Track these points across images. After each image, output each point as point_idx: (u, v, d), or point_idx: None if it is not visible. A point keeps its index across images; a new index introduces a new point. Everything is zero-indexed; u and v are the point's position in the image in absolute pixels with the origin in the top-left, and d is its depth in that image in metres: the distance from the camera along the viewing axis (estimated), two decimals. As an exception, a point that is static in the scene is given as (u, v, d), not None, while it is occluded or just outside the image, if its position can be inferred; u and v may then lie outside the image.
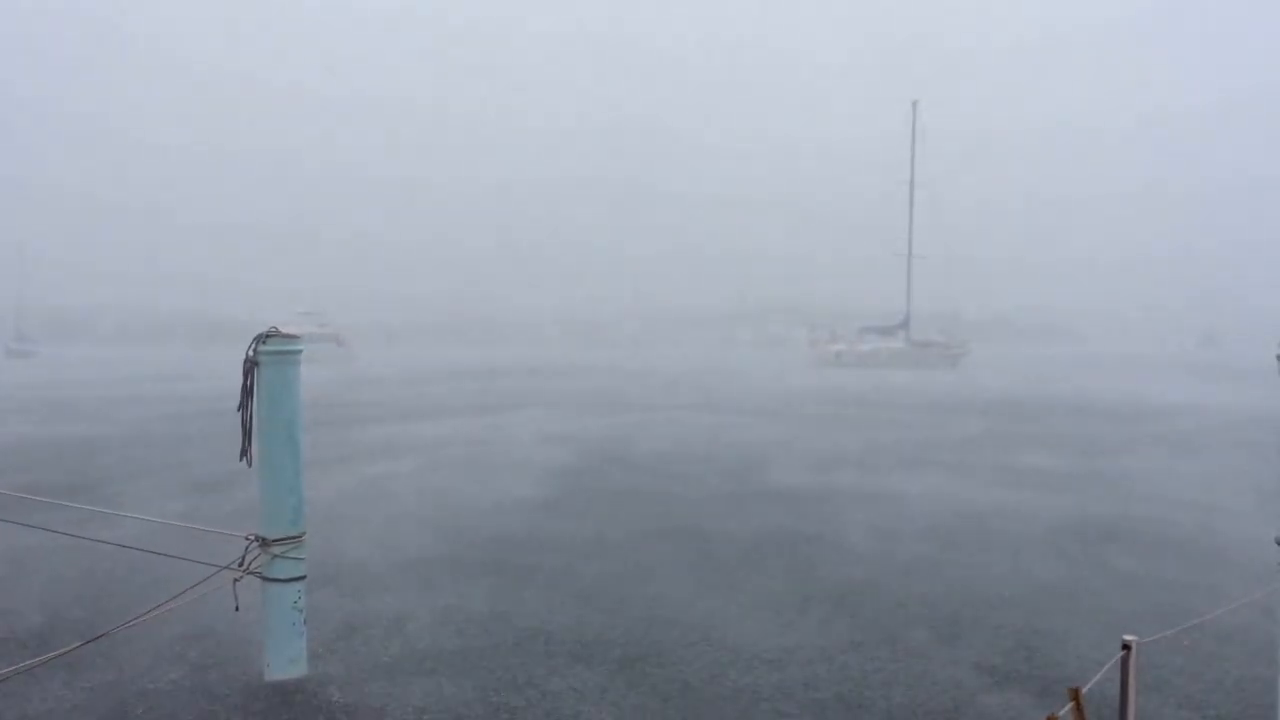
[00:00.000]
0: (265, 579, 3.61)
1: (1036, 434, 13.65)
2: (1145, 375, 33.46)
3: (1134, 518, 7.26)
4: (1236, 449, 12.00)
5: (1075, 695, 2.11)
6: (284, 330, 3.72)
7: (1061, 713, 2.04)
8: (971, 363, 46.03)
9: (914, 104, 51.87)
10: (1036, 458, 10.90)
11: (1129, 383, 28.02)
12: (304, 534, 3.70)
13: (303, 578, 3.70)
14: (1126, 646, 2.30)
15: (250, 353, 3.60)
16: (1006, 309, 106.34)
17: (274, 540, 3.60)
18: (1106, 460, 10.75)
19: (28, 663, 3.31)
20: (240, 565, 3.53)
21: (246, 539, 3.58)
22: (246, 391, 3.63)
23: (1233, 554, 6.06)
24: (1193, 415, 16.82)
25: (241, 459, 3.68)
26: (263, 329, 3.67)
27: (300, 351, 3.71)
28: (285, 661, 3.71)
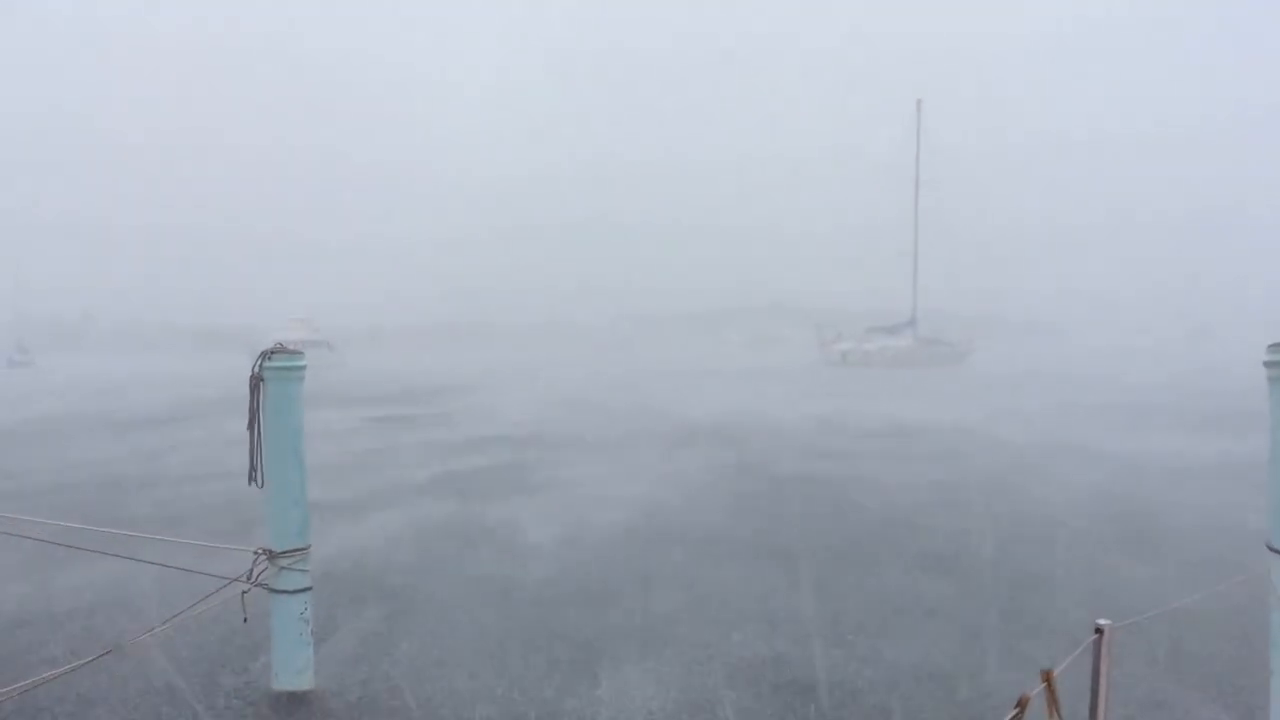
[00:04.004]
0: (272, 590, 3.68)
1: None
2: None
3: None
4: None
5: (1047, 677, 2.15)
6: (280, 339, 3.80)
7: (1033, 694, 2.08)
8: (978, 360, 46.02)
9: (918, 103, 51.63)
10: None
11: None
12: (310, 546, 3.77)
13: (309, 589, 3.77)
14: (1099, 630, 2.34)
15: (256, 369, 3.67)
16: (1001, 305, 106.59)
17: (281, 553, 3.67)
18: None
19: (44, 675, 3.37)
20: (248, 578, 3.60)
21: (255, 552, 3.64)
22: (254, 410, 3.69)
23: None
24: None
25: (250, 482, 3.73)
26: (260, 338, 3.74)
27: (304, 367, 3.77)
28: (292, 672, 3.78)
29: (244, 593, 3.56)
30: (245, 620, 3.65)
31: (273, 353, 3.70)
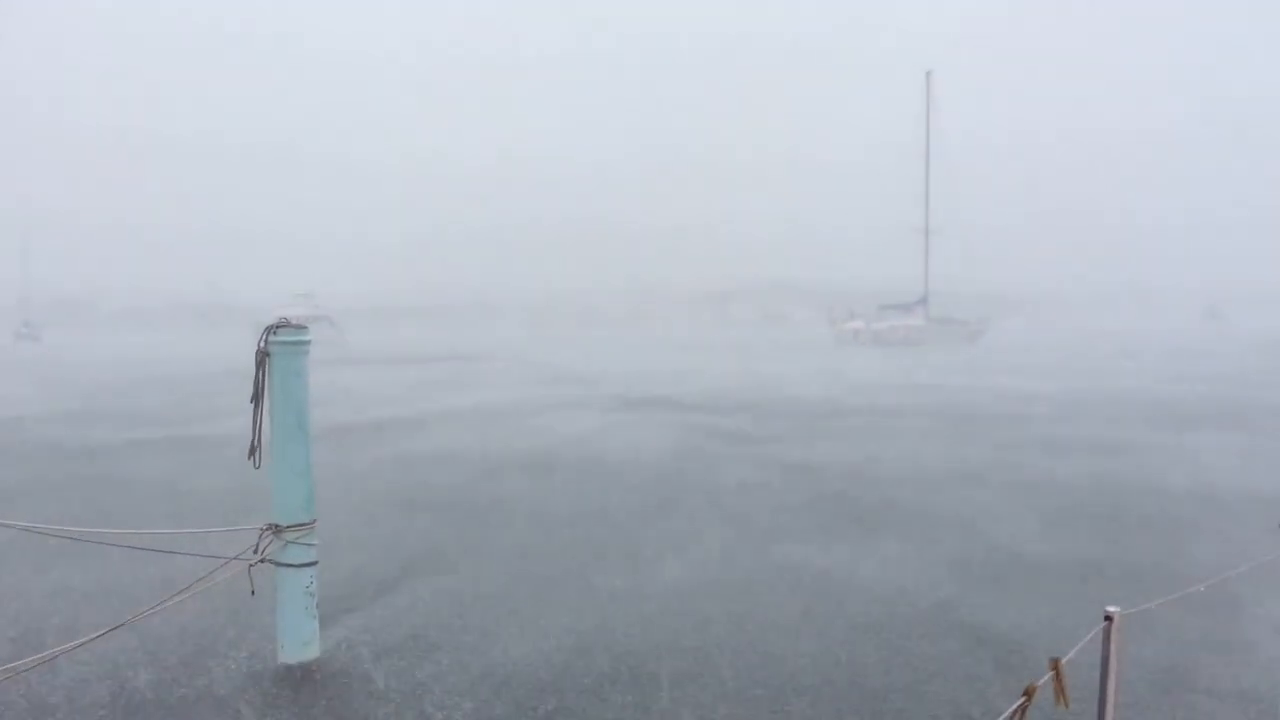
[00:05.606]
0: (278, 564, 3.71)
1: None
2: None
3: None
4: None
5: (1055, 665, 2.15)
6: (284, 316, 3.78)
7: (1041, 682, 2.07)
8: (991, 339, 45.77)
9: (928, 75, 50.80)
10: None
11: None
12: (315, 520, 3.78)
13: (314, 563, 3.79)
14: (1109, 618, 2.32)
15: (261, 344, 3.66)
16: (1003, 286, 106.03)
17: (287, 527, 3.69)
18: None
19: (56, 649, 3.39)
20: (255, 552, 3.62)
21: (261, 528, 3.66)
22: (259, 385, 3.69)
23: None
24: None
25: (250, 457, 3.71)
26: (265, 316, 3.73)
27: (309, 342, 3.76)
28: (298, 644, 3.81)
29: (251, 567, 3.58)
30: (253, 594, 3.67)
31: (278, 328, 3.69)
